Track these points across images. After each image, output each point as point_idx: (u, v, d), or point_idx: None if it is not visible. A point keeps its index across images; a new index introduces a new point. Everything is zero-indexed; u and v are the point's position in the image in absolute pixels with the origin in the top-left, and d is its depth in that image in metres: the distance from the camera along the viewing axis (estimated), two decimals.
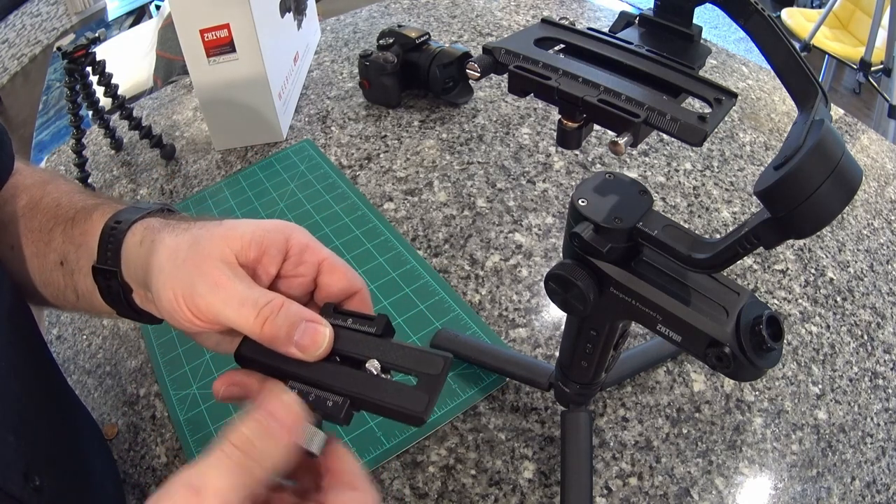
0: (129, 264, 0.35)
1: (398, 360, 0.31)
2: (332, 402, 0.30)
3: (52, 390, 0.44)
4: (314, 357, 0.30)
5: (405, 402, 0.30)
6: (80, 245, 0.38)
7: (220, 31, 0.71)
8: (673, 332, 0.33)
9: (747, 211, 0.69)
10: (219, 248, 0.31)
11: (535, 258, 0.64)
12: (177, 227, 0.34)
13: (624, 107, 0.28)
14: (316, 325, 0.31)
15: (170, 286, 0.31)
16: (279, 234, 0.33)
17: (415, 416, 0.29)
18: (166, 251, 0.32)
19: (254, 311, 0.30)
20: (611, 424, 0.51)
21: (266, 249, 0.32)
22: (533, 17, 1.03)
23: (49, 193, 0.41)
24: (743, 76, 0.90)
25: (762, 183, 0.25)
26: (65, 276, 0.39)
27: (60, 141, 0.91)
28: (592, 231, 0.33)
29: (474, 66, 0.32)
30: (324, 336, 0.30)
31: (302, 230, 0.34)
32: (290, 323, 0.30)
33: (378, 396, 0.30)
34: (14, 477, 0.33)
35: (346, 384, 0.30)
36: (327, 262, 0.34)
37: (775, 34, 0.28)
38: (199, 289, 0.30)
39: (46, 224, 0.40)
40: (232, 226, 0.33)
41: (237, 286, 0.30)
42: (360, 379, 0.31)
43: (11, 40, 1.31)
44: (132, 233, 0.35)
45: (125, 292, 0.36)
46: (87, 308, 0.40)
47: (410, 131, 0.81)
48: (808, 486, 0.48)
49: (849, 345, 0.57)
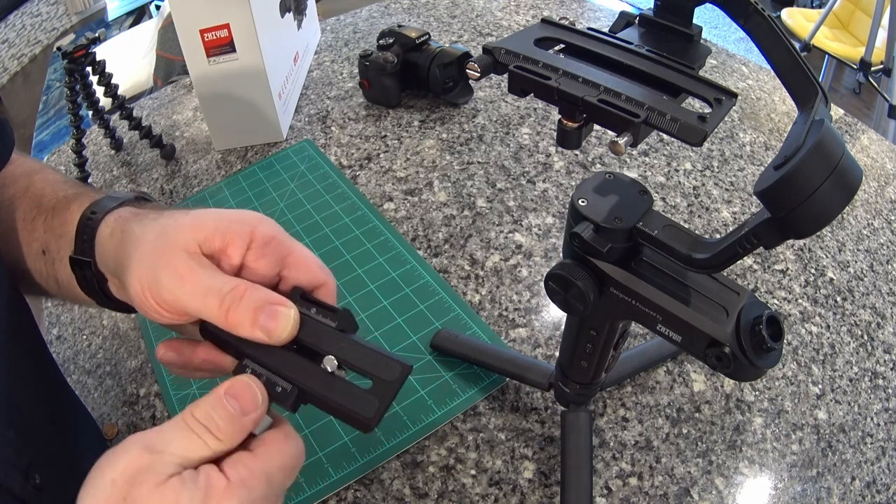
0: (102, 255, 0.35)
1: (355, 360, 0.30)
2: (280, 389, 0.30)
3: (52, 389, 0.44)
4: (280, 340, 0.30)
5: (355, 404, 0.29)
6: (61, 235, 0.38)
7: (220, 31, 0.71)
8: (673, 332, 0.33)
9: (747, 211, 0.69)
10: (183, 238, 0.31)
11: (535, 258, 0.64)
12: (145, 217, 0.34)
13: (624, 107, 0.28)
14: (280, 307, 0.30)
15: (136, 278, 0.31)
16: (244, 225, 0.32)
17: (363, 421, 0.29)
18: (134, 242, 0.32)
19: (217, 299, 0.30)
20: (611, 424, 0.51)
21: (231, 240, 0.32)
22: (533, 17, 1.03)
23: (35, 183, 0.42)
24: (743, 76, 0.90)
25: (762, 183, 0.25)
26: (47, 266, 0.40)
27: (60, 141, 0.91)
28: (592, 231, 0.33)
29: (474, 66, 0.32)
30: (288, 318, 0.30)
31: (270, 222, 0.34)
32: (253, 308, 0.30)
33: (327, 394, 0.30)
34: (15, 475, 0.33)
35: (299, 375, 0.30)
36: (293, 257, 0.33)
37: (775, 34, 0.28)
38: (164, 281, 0.30)
39: (30, 214, 0.40)
40: (198, 216, 0.33)
41: (200, 276, 0.30)
42: (314, 373, 0.30)
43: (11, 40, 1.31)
44: (105, 223, 0.35)
45: (100, 282, 0.36)
46: (69, 297, 0.40)
47: (410, 131, 0.81)
48: (808, 486, 0.48)
49: (849, 345, 0.57)
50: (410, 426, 0.51)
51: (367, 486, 0.48)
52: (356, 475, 0.49)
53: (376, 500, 0.48)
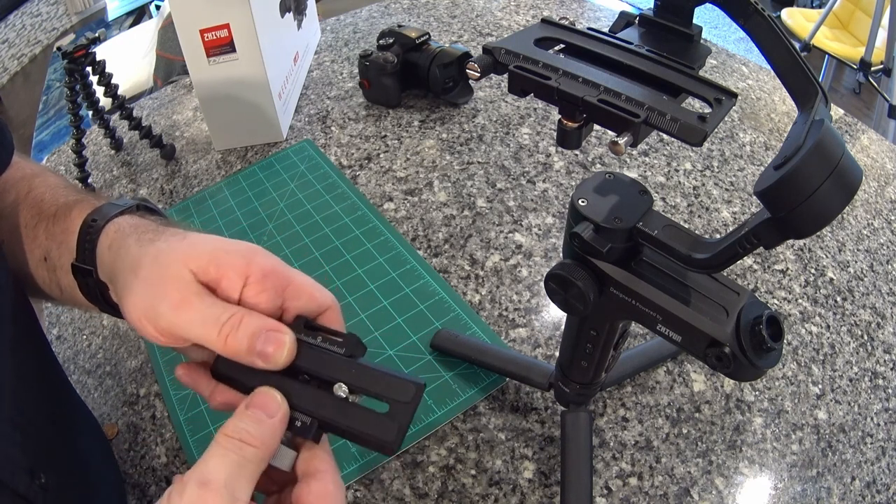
0: (102, 265, 0.35)
1: (368, 385, 0.31)
2: (300, 423, 0.30)
3: (55, 390, 0.44)
4: (277, 365, 0.31)
5: (374, 429, 0.30)
6: (62, 242, 0.38)
7: (220, 31, 0.71)
8: (673, 332, 0.33)
9: (747, 211, 0.69)
10: (178, 266, 0.31)
11: (535, 258, 0.64)
12: (143, 236, 0.34)
13: (624, 107, 0.28)
14: (276, 333, 0.31)
15: (132, 305, 0.31)
16: (239, 258, 0.32)
17: (385, 445, 0.30)
18: (129, 261, 0.33)
19: (216, 327, 0.30)
20: (611, 424, 0.51)
21: (225, 272, 0.32)
22: (533, 17, 1.03)
23: (35, 188, 0.42)
24: (743, 76, 0.90)
25: (762, 183, 0.25)
26: (49, 272, 0.40)
27: (60, 141, 0.91)
28: (592, 231, 0.33)
29: (474, 66, 0.32)
30: (284, 344, 0.31)
31: (266, 253, 0.33)
32: (250, 335, 0.30)
33: (346, 422, 0.30)
34: (21, 474, 0.33)
35: (315, 406, 0.31)
36: (292, 288, 0.33)
37: (775, 34, 0.28)
38: (161, 310, 0.30)
39: (31, 220, 0.40)
40: (193, 242, 0.33)
41: (197, 306, 0.31)
42: (329, 401, 0.31)
43: (11, 40, 1.31)
44: (105, 234, 0.36)
45: (101, 290, 0.36)
46: (72, 302, 0.40)
47: (410, 131, 0.81)
48: (808, 486, 0.48)
49: (849, 345, 0.57)
50: (410, 426, 0.51)
51: (367, 486, 0.48)
52: (356, 475, 0.49)
53: (376, 500, 0.48)
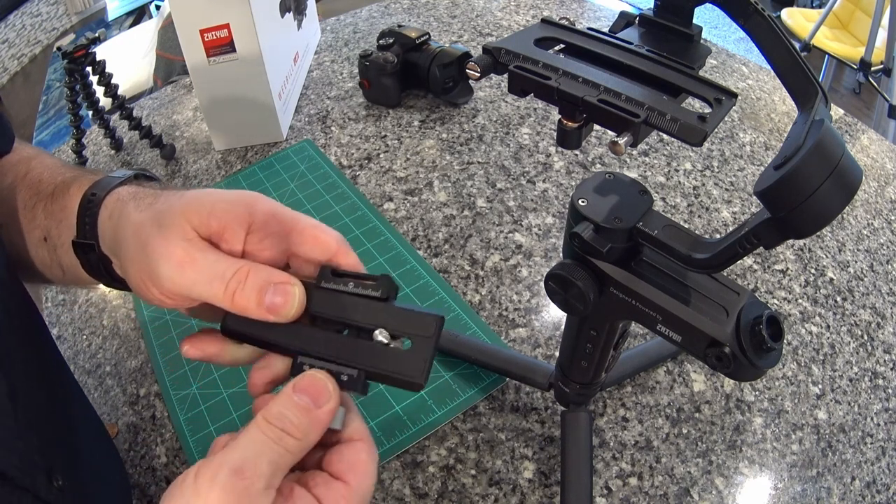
0: (104, 237, 0.35)
1: (403, 326, 0.30)
2: (346, 377, 0.30)
3: (63, 389, 0.44)
4: (287, 318, 0.30)
5: (404, 369, 0.29)
6: (61, 220, 0.38)
7: (220, 31, 0.71)
8: (673, 332, 0.33)
9: (747, 211, 0.69)
10: (179, 224, 0.30)
11: (535, 258, 0.64)
12: (142, 200, 0.33)
13: (624, 107, 0.28)
14: (284, 285, 0.30)
15: (136, 269, 0.31)
16: (239, 206, 0.31)
17: (414, 383, 0.29)
18: (130, 228, 0.32)
19: (221, 284, 0.29)
20: (611, 424, 0.51)
21: (227, 223, 0.31)
22: (533, 17, 1.03)
23: (33, 169, 0.41)
24: (743, 76, 0.90)
25: (762, 183, 0.25)
26: (49, 252, 0.39)
27: (60, 141, 0.91)
28: (592, 231, 0.33)
29: (474, 66, 0.32)
30: (293, 295, 0.30)
31: (266, 199, 0.32)
32: (258, 289, 0.29)
33: (385, 367, 0.30)
34: (39, 477, 0.33)
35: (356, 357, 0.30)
36: (298, 231, 0.32)
37: (775, 34, 0.28)
38: (165, 271, 0.29)
39: (29, 201, 0.40)
40: (191, 199, 0.32)
41: (201, 263, 0.30)
42: (366, 349, 0.30)
43: (11, 40, 1.31)
44: (105, 205, 0.35)
45: (105, 264, 0.36)
46: (74, 282, 0.39)
47: (410, 131, 0.81)
48: (808, 486, 0.48)
49: (849, 345, 0.57)
50: (410, 426, 0.51)
51: None
52: None
53: (376, 501, 0.48)
